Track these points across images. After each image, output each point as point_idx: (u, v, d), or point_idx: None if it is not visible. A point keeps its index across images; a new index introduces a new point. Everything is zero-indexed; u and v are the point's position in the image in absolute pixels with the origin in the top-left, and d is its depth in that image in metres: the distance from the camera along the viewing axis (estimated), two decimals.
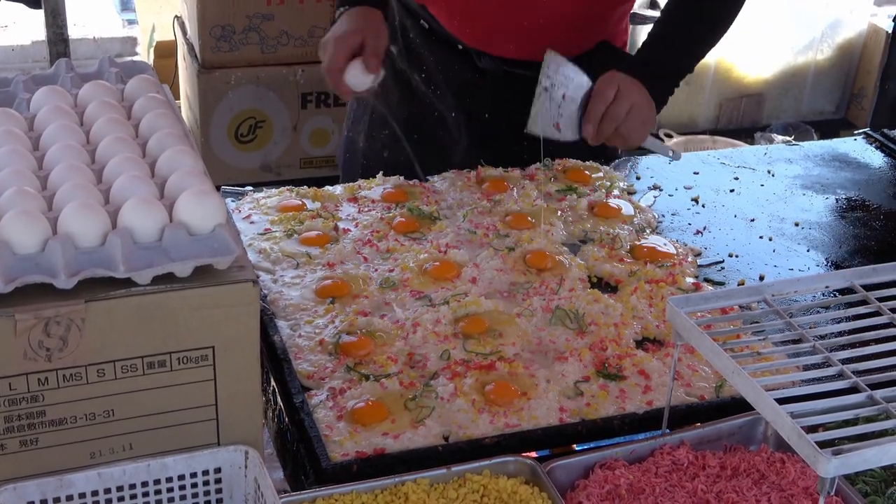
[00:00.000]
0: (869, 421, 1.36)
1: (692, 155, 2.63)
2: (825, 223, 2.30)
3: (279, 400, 1.70)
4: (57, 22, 3.80)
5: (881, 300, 1.57)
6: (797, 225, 2.28)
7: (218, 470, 1.44)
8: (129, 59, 2.20)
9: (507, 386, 1.71)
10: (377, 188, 2.25)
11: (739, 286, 1.98)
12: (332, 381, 1.71)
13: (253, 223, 2.12)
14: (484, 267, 2.01)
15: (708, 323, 1.64)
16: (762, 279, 2.07)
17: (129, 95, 1.69)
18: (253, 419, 1.47)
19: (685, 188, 2.40)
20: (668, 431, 1.61)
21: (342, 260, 2.01)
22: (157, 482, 1.42)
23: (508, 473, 1.53)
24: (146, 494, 1.42)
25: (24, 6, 4.59)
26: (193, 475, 1.43)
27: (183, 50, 4.44)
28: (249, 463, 1.44)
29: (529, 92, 2.23)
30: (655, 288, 1.97)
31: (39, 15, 3.91)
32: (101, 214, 1.36)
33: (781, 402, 1.32)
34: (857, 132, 2.75)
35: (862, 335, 1.62)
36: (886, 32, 5.18)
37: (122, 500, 1.41)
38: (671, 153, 2.31)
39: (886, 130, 2.72)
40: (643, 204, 2.29)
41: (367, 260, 2.02)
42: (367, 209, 2.18)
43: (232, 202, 2.19)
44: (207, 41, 4.16)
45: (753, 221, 2.29)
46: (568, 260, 2.05)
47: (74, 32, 4.20)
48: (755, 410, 1.39)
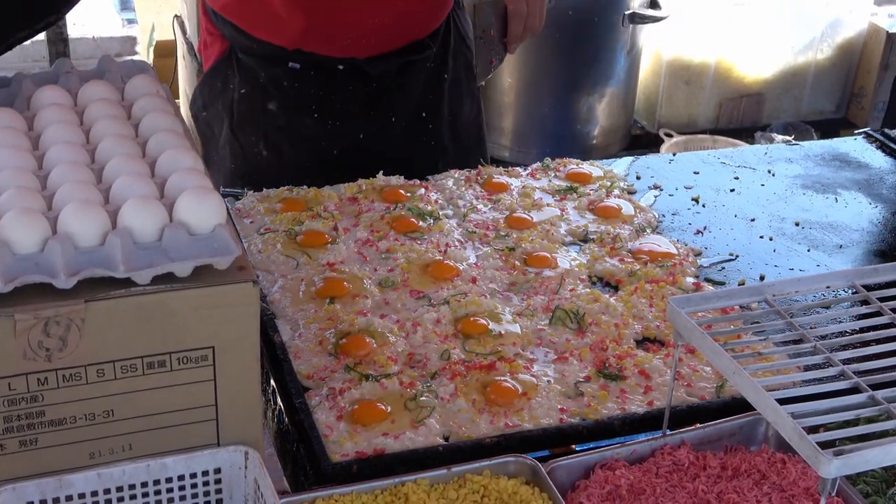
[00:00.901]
0: (870, 421, 1.36)
1: (692, 154, 2.63)
2: (826, 223, 2.30)
3: (279, 400, 1.70)
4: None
5: (882, 300, 1.57)
6: (798, 225, 2.28)
7: (218, 470, 1.44)
8: (128, 58, 2.20)
9: (507, 386, 1.70)
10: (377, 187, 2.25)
11: (740, 286, 1.98)
12: (332, 381, 1.71)
13: (253, 223, 2.12)
14: (484, 266, 2.01)
15: (709, 323, 1.64)
16: (763, 279, 2.07)
17: (128, 95, 1.69)
18: (253, 420, 1.47)
19: (685, 188, 2.40)
20: (668, 432, 1.61)
21: (342, 259, 2.01)
22: (156, 482, 1.41)
23: (509, 474, 1.53)
24: (146, 495, 1.41)
25: None
26: (193, 476, 1.43)
27: (182, 49, 4.44)
28: (249, 463, 1.44)
29: (422, 76, 2.32)
30: (656, 288, 1.97)
31: None
32: (100, 214, 1.36)
33: (782, 402, 1.32)
34: (857, 132, 2.75)
35: (863, 335, 1.62)
36: (887, 32, 5.19)
37: (121, 500, 1.40)
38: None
39: (887, 130, 2.72)
40: (643, 204, 2.29)
41: (366, 260, 2.02)
42: (366, 209, 2.17)
43: (231, 202, 2.18)
44: None
45: (754, 221, 2.28)
46: (568, 260, 2.05)
47: (74, 32, 4.21)
48: (756, 411, 1.39)
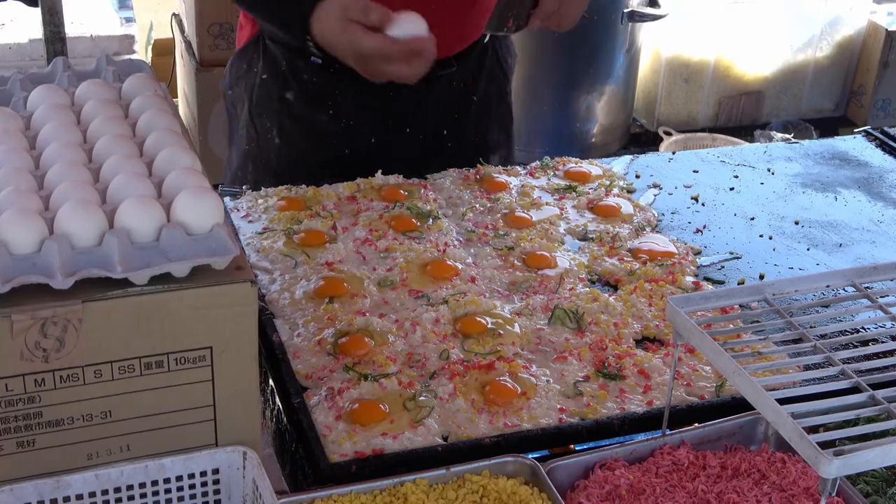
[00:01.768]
0: (870, 421, 1.35)
1: (692, 153, 2.63)
2: (825, 221, 2.30)
3: (277, 400, 1.70)
4: (54, 20, 3.80)
5: (882, 298, 1.56)
6: (797, 223, 2.28)
7: (216, 471, 1.43)
8: (126, 57, 2.20)
9: (506, 386, 1.70)
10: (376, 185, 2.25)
11: (740, 285, 1.98)
12: (330, 381, 1.70)
13: (251, 222, 2.11)
14: (483, 266, 2.01)
15: (708, 322, 1.63)
16: (762, 278, 2.07)
17: (126, 94, 1.68)
18: (251, 420, 1.47)
19: (685, 186, 2.39)
20: (668, 431, 1.61)
21: (341, 259, 2.00)
22: (154, 483, 1.41)
23: (508, 474, 1.52)
24: (144, 496, 1.41)
25: (21, 4, 4.58)
26: (191, 476, 1.42)
27: (180, 48, 4.44)
28: (247, 464, 1.43)
29: (449, 94, 2.25)
30: (655, 287, 1.97)
31: (37, 13, 3.91)
32: (98, 214, 1.35)
33: (782, 402, 1.31)
34: (856, 130, 2.75)
35: (863, 334, 1.62)
36: (886, 30, 5.18)
37: (119, 501, 1.40)
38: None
39: (886, 128, 2.72)
40: (643, 202, 2.29)
41: (365, 259, 2.02)
42: (365, 208, 2.17)
43: (230, 201, 2.18)
44: (205, 39, 4.16)
45: (753, 220, 2.28)
46: (567, 259, 2.05)
47: (72, 30, 4.20)
48: (756, 410, 1.39)
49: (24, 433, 1.37)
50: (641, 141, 5.17)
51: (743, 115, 5.27)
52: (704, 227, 2.24)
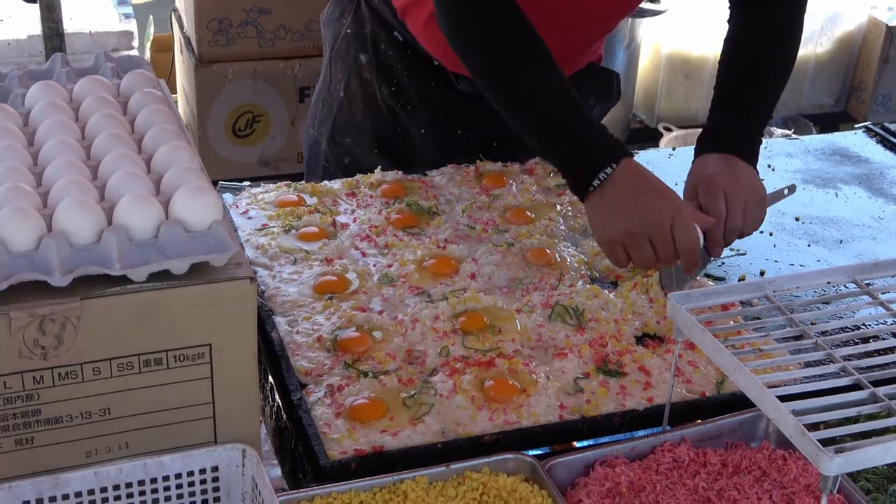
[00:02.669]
0: (871, 418, 1.35)
1: (692, 149, 2.62)
2: (826, 218, 2.29)
3: (277, 397, 1.69)
4: (52, 16, 3.79)
5: (883, 295, 1.56)
6: (798, 220, 2.27)
7: (215, 468, 1.43)
8: (125, 53, 2.19)
9: (506, 383, 1.70)
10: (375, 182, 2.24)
11: (740, 282, 1.98)
12: (330, 377, 1.70)
13: (250, 218, 2.11)
14: (483, 262, 2.00)
15: (709, 319, 1.63)
16: (763, 275, 2.06)
17: (125, 91, 1.68)
18: (250, 417, 1.47)
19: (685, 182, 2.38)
20: (668, 428, 1.60)
21: (340, 255, 2.00)
22: (153, 481, 1.40)
23: (508, 471, 1.52)
24: (143, 493, 1.41)
25: (19, 0, 4.57)
26: (190, 474, 1.42)
27: (180, 44, 4.43)
28: (247, 461, 1.43)
29: (461, 102, 2.20)
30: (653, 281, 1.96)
31: (35, 9, 3.89)
32: (96, 211, 1.35)
33: (783, 399, 1.31)
34: (857, 126, 2.74)
35: (864, 331, 1.61)
36: (886, 25, 5.17)
37: (118, 499, 1.39)
38: (787, 192, 2.12)
39: (886, 124, 2.71)
40: None
41: (365, 255, 2.01)
42: (365, 204, 2.16)
43: (229, 197, 2.18)
44: (204, 35, 4.14)
45: None
46: (568, 255, 2.04)
47: (70, 27, 4.18)
48: (756, 407, 1.38)
49: (22, 431, 1.36)
50: (641, 137, 5.15)
51: None
52: None
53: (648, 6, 4.66)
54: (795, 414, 1.28)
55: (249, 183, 2.26)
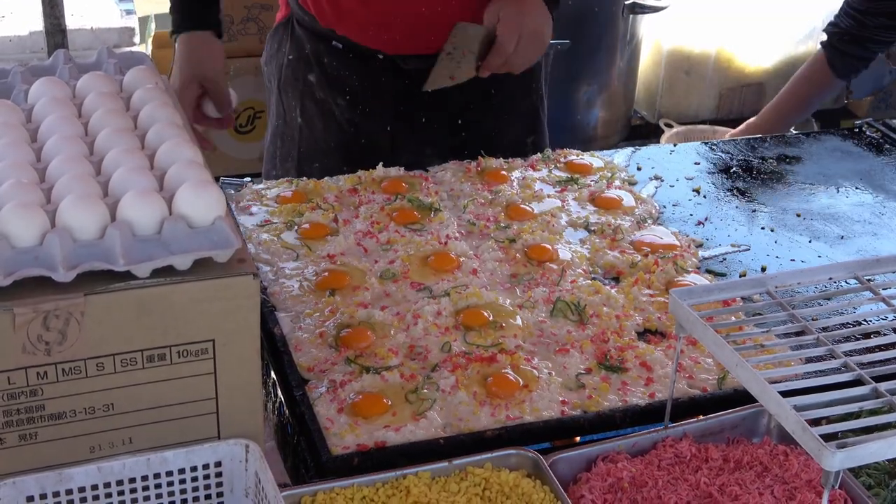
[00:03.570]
0: (873, 414, 1.35)
1: (693, 145, 2.63)
2: (827, 214, 2.30)
3: (279, 393, 1.69)
4: (54, 12, 3.79)
5: (885, 291, 1.56)
6: (799, 216, 2.28)
7: (218, 464, 1.43)
8: (127, 49, 2.20)
9: (508, 378, 1.70)
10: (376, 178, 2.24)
11: (742, 278, 1.98)
12: (332, 373, 1.70)
13: (252, 215, 2.11)
14: (485, 258, 2.00)
15: (710, 315, 1.63)
16: (764, 270, 2.06)
17: (127, 86, 1.68)
18: (253, 412, 1.47)
19: (686, 178, 2.39)
20: (670, 424, 1.61)
21: (342, 251, 2.00)
22: (157, 476, 1.41)
23: (510, 466, 1.52)
24: (146, 488, 1.41)
25: None
26: (194, 469, 1.42)
27: None
28: (250, 457, 1.43)
29: (465, 85, 2.23)
30: (654, 276, 1.96)
31: (37, 5, 3.89)
32: (99, 207, 1.35)
33: (785, 394, 1.31)
34: (857, 122, 2.74)
35: (865, 327, 1.61)
36: None
37: (121, 494, 1.40)
38: (559, 46, 2.38)
39: (887, 120, 2.71)
40: (644, 195, 2.28)
41: (367, 251, 2.01)
42: (367, 200, 2.17)
43: (231, 193, 2.18)
44: None
45: (755, 212, 2.28)
46: (569, 251, 2.04)
47: (72, 23, 4.18)
48: (758, 403, 1.38)
49: (26, 426, 1.36)
50: (642, 133, 5.15)
51: (744, 107, 5.25)
52: (706, 219, 2.24)
53: (650, 3, 4.66)
54: (797, 409, 1.28)
55: (251, 179, 2.26)
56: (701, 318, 1.46)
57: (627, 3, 4.64)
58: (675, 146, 2.58)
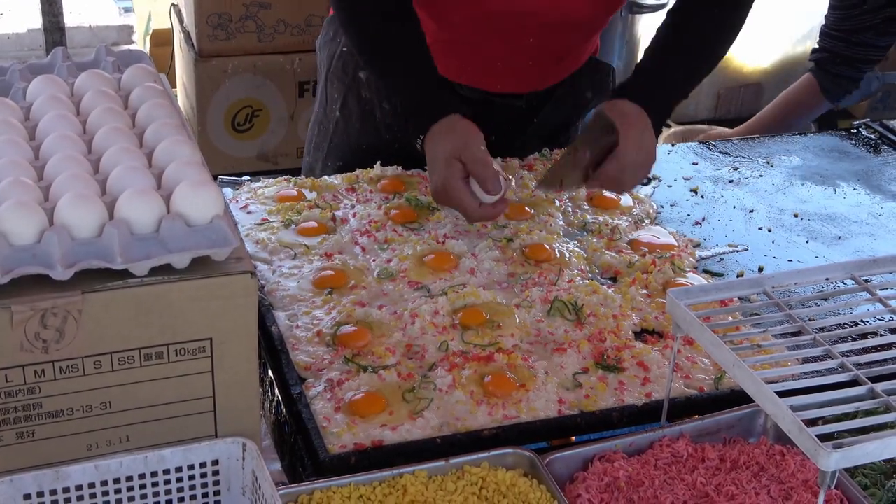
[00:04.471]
0: (869, 414, 1.35)
1: (691, 145, 2.63)
2: (824, 214, 2.30)
3: (277, 391, 1.70)
4: (53, 10, 3.79)
5: (882, 291, 1.56)
6: (796, 216, 2.28)
7: (215, 462, 1.43)
8: (125, 47, 2.20)
9: (505, 378, 1.70)
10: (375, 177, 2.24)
11: (739, 278, 1.98)
12: (329, 372, 1.70)
13: (250, 213, 2.11)
14: (482, 258, 2.01)
15: (707, 315, 1.63)
16: (761, 271, 2.07)
17: (125, 85, 1.68)
18: (250, 411, 1.47)
19: (684, 178, 2.39)
20: (667, 423, 1.61)
21: (340, 250, 2.00)
22: (154, 474, 1.41)
23: (507, 466, 1.53)
24: (143, 487, 1.41)
25: None
26: (191, 467, 1.42)
27: (179, 38, 4.43)
28: (247, 455, 1.43)
29: (513, 119, 2.20)
30: (651, 277, 1.97)
31: (35, 3, 3.89)
32: (97, 205, 1.35)
33: (781, 394, 1.31)
34: (855, 122, 2.74)
35: (862, 327, 1.62)
36: None
37: (118, 492, 1.40)
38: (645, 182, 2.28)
39: (885, 121, 2.72)
40: (642, 194, 2.29)
41: (365, 250, 2.01)
42: (364, 199, 2.17)
43: (229, 192, 2.18)
44: (204, 29, 4.14)
45: (752, 212, 2.28)
46: (567, 251, 2.04)
47: (70, 21, 4.18)
48: (755, 403, 1.39)
49: (23, 424, 1.36)
50: None
51: (742, 106, 5.25)
52: (704, 219, 2.24)
53: (648, 2, 4.67)
54: (794, 409, 1.28)
55: (249, 177, 2.26)
56: (698, 318, 1.46)
57: (626, 2, 4.64)
58: (672, 146, 2.58)
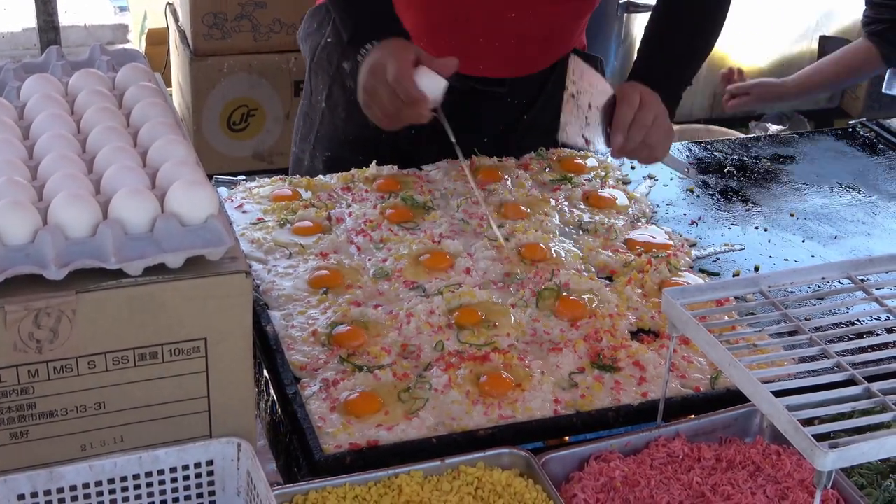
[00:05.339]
0: (865, 414, 1.35)
1: (687, 144, 2.63)
2: (820, 213, 2.30)
3: (272, 391, 1.69)
4: (47, 9, 3.78)
5: (877, 291, 1.56)
6: (792, 215, 2.28)
7: (210, 462, 1.43)
8: (120, 46, 2.19)
9: (501, 377, 1.70)
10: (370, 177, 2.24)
11: (735, 277, 1.98)
12: (325, 372, 1.70)
13: (245, 212, 2.11)
14: (478, 257, 2.00)
15: (703, 314, 1.63)
16: (757, 270, 2.07)
17: (120, 84, 1.67)
18: (245, 411, 1.46)
19: (680, 178, 2.39)
20: (663, 423, 1.61)
21: (335, 250, 2.00)
22: (148, 475, 1.40)
23: (503, 466, 1.52)
24: (138, 487, 1.40)
25: None
26: (185, 468, 1.42)
27: (175, 37, 4.43)
28: (242, 455, 1.43)
29: (502, 114, 2.18)
30: (647, 276, 1.96)
31: (30, 1, 3.89)
32: (91, 205, 1.35)
33: (777, 394, 1.31)
34: (851, 122, 2.75)
35: (858, 327, 1.61)
36: None
37: (113, 492, 1.39)
38: (687, 170, 2.28)
39: (881, 120, 2.72)
40: (638, 194, 2.28)
41: (360, 250, 2.01)
42: (360, 198, 2.16)
43: (224, 191, 2.17)
44: (199, 29, 4.14)
45: (748, 212, 2.28)
46: (562, 250, 2.04)
47: (65, 19, 4.18)
48: (751, 402, 1.38)
49: (17, 424, 1.36)
50: None
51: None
52: (699, 218, 2.24)
53: (644, 1, 4.67)
54: (790, 409, 1.28)
55: (244, 177, 2.26)
56: (694, 317, 1.46)
57: (622, 2, 4.64)
58: None
